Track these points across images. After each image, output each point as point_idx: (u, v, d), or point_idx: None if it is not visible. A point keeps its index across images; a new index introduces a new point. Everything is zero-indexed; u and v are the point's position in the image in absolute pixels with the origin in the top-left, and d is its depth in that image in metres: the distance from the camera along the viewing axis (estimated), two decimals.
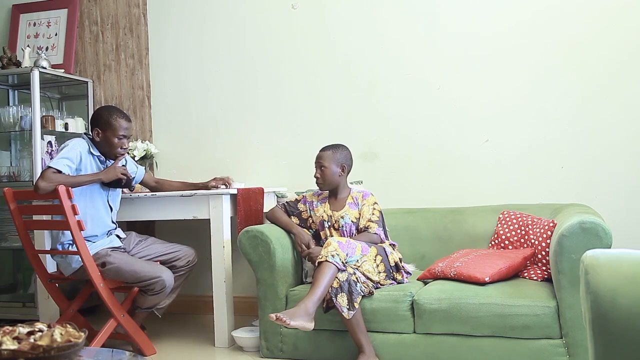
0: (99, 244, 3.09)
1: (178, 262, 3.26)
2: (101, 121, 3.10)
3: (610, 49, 3.40)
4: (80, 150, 3.06)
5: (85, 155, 3.09)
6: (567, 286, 2.47)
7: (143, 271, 3.04)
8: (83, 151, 3.08)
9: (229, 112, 4.13)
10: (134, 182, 3.33)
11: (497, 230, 3.14)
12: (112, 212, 3.23)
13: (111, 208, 3.22)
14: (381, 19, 3.80)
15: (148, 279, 3.03)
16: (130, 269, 3.03)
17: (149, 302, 3.14)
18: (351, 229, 3.03)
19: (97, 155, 3.13)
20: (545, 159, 3.50)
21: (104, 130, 3.09)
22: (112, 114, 3.11)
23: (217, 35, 4.16)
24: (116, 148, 3.11)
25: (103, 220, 3.16)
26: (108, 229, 3.18)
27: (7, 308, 4.04)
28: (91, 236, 3.08)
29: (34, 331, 1.48)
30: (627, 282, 1.31)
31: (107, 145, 3.11)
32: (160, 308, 3.24)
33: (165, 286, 3.06)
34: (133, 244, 3.27)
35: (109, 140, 3.09)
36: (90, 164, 3.11)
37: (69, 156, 3.01)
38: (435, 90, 3.70)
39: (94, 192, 3.12)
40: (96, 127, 3.11)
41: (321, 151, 3.09)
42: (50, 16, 4.51)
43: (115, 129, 3.09)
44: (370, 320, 2.74)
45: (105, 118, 3.10)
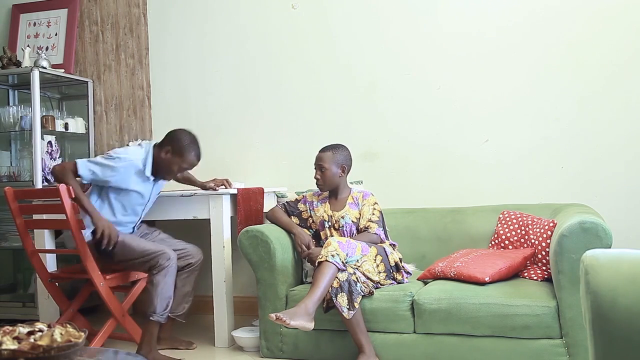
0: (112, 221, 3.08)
1: (189, 259, 3.20)
2: (178, 145, 3.03)
3: (610, 49, 3.40)
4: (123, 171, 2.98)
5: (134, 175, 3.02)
6: (567, 286, 2.47)
7: (147, 246, 3.01)
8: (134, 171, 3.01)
9: (229, 112, 4.13)
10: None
11: (497, 230, 3.14)
12: (141, 216, 3.23)
13: (141, 215, 3.22)
14: (381, 19, 3.80)
15: (152, 252, 2.97)
16: (136, 244, 3.01)
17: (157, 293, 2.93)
18: (351, 229, 3.03)
19: (146, 176, 3.06)
20: (545, 158, 3.50)
21: (173, 154, 3.03)
22: (190, 148, 3.05)
23: (217, 35, 4.16)
24: (173, 174, 3.13)
25: (128, 221, 3.16)
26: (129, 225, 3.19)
27: (7, 308, 4.04)
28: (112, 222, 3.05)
29: (34, 331, 1.48)
30: (627, 282, 1.31)
31: (165, 169, 3.07)
32: (181, 313, 3.18)
33: (170, 258, 2.96)
34: (140, 234, 3.25)
35: (170, 166, 3.05)
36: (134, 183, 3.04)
37: (104, 165, 2.96)
38: (435, 90, 3.70)
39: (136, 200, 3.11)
40: (170, 146, 3.04)
41: (321, 152, 3.08)
42: (50, 16, 4.51)
43: (184, 161, 3.05)
44: (370, 320, 2.74)
45: (182, 147, 3.03)
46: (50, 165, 4.04)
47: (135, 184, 3.04)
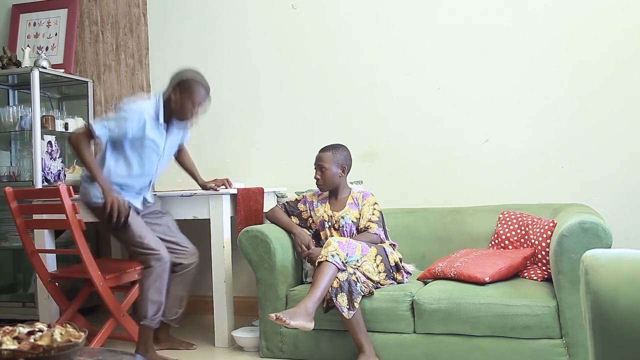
0: (126, 196, 3.00)
1: (182, 258, 3.17)
2: (184, 86, 2.94)
3: (610, 49, 3.40)
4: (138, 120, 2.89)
5: (150, 121, 2.93)
6: (567, 286, 2.47)
7: (147, 239, 2.96)
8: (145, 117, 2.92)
9: (229, 112, 4.13)
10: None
11: (497, 230, 3.14)
12: (155, 174, 3.13)
13: (149, 186, 3.14)
14: (381, 19, 3.81)
15: (147, 248, 2.93)
16: (138, 231, 2.96)
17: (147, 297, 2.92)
18: (351, 229, 3.02)
19: (157, 121, 2.97)
20: (545, 158, 3.50)
21: (183, 96, 2.93)
22: (197, 83, 2.96)
23: (217, 35, 4.16)
24: (188, 114, 2.98)
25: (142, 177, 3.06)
26: (141, 187, 3.10)
27: (7, 308, 4.04)
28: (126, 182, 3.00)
29: (34, 331, 1.48)
30: (627, 282, 1.31)
31: (180, 110, 2.96)
32: (174, 318, 3.18)
33: (160, 261, 2.92)
34: (153, 216, 3.18)
35: (185, 105, 2.95)
36: (150, 130, 2.94)
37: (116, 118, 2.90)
38: (435, 90, 3.70)
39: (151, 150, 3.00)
40: (177, 86, 2.95)
41: (321, 152, 3.08)
42: (50, 16, 4.51)
43: (195, 97, 2.94)
44: (370, 320, 2.74)
45: (188, 84, 2.94)
46: (50, 165, 4.04)
47: (150, 130, 2.95)
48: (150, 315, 2.92)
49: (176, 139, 3.18)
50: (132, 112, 2.91)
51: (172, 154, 3.22)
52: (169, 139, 3.08)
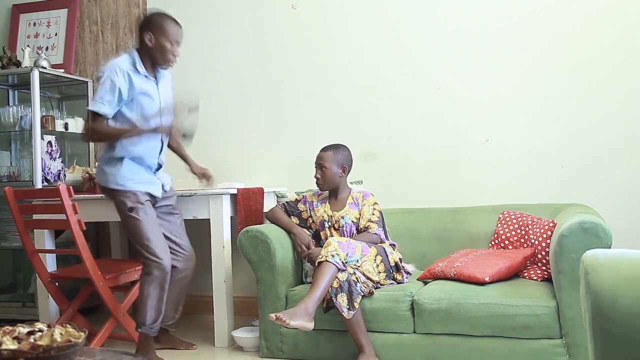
0: (143, 180, 2.93)
1: (178, 261, 3.07)
2: (154, 25, 2.86)
3: (610, 49, 3.40)
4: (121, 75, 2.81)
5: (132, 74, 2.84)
6: (567, 286, 2.47)
7: (154, 243, 2.88)
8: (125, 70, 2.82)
9: (229, 112, 4.13)
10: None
11: (497, 230, 3.14)
12: (162, 147, 3.03)
13: (162, 143, 3.02)
14: (381, 19, 3.80)
15: (152, 254, 2.86)
16: (147, 233, 2.87)
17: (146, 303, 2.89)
18: (351, 229, 3.02)
19: (140, 74, 2.88)
20: (545, 158, 3.50)
21: (156, 34, 2.85)
22: (165, 18, 2.90)
23: (217, 35, 4.16)
24: (169, 54, 2.88)
25: (152, 150, 2.97)
26: (155, 161, 3.01)
27: (7, 308, 4.04)
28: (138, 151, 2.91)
29: (34, 331, 1.48)
30: (627, 282, 1.31)
31: (159, 52, 2.87)
32: (171, 323, 3.17)
33: (162, 270, 2.86)
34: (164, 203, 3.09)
35: (161, 45, 2.86)
36: (138, 85, 2.86)
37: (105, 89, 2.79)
38: (435, 90, 3.70)
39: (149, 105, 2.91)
40: (148, 31, 2.86)
41: (321, 151, 3.08)
42: (50, 16, 4.51)
43: (169, 33, 2.86)
44: (370, 320, 2.74)
45: (158, 22, 2.87)
46: (50, 165, 4.04)
47: (138, 82, 2.86)
48: (149, 322, 2.90)
49: (167, 88, 3.05)
50: (111, 70, 2.82)
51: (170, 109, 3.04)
52: (161, 89, 2.98)
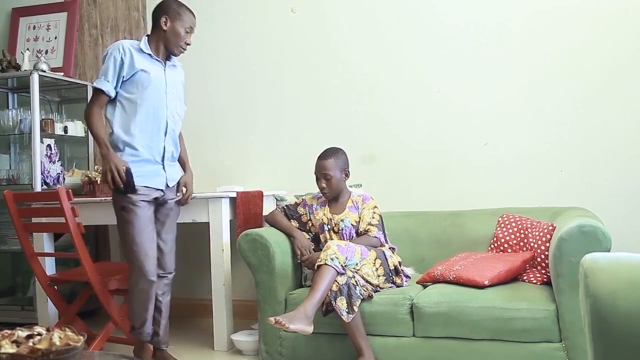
0: (144, 172, 2.81)
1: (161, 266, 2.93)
2: (171, 10, 2.88)
3: (609, 52, 3.40)
4: (121, 51, 2.80)
5: (135, 52, 2.82)
6: (566, 289, 2.47)
7: (140, 248, 2.77)
8: (127, 48, 2.82)
9: (228, 116, 4.13)
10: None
11: (497, 234, 3.14)
12: (166, 135, 2.91)
13: (167, 127, 2.90)
14: (380, 22, 3.81)
15: (136, 258, 2.77)
16: (134, 237, 2.78)
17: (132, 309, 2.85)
18: (351, 232, 3.02)
19: (148, 54, 2.86)
20: (544, 162, 3.50)
21: (172, 19, 2.86)
22: (183, 6, 2.92)
23: (216, 39, 4.17)
24: (181, 40, 2.88)
25: (155, 120, 2.86)
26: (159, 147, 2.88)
27: (6, 311, 4.03)
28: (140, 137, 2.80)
29: (33, 335, 1.48)
30: (626, 286, 1.31)
31: (172, 36, 2.87)
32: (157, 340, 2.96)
33: (143, 279, 2.76)
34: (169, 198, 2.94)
35: (176, 30, 2.87)
36: (139, 62, 2.82)
37: (107, 67, 2.79)
38: (434, 94, 3.70)
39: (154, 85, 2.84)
40: (164, 15, 2.86)
41: (322, 160, 3.03)
42: (50, 19, 4.51)
43: (185, 20, 2.89)
44: (369, 323, 2.73)
45: (175, 7, 2.89)
46: (49, 168, 4.04)
47: (140, 61, 2.82)
48: (137, 327, 2.88)
49: (177, 78, 3.01)
50: (114, 47, 2.83)
51: (180, 97, 3.02)
52: (169, 73, 2.94)
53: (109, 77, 2.79)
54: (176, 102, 2.96)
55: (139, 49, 2.85)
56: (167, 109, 2.90)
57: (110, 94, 2.81)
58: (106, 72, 2.80)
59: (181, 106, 3.03)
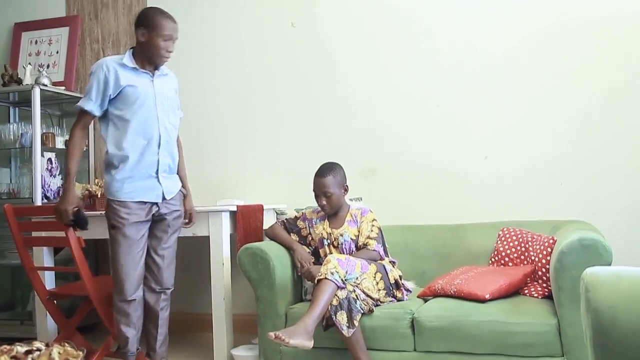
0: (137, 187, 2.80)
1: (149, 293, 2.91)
2: (147, 20, 2.80)
3: (610, 67, 3.42)
4: (105, 69, 2.78)
5: (119, 69, 2.79)
6: (567, 303, 2.46)
7: (125, 271, 2.77)
8: (111, 65, 2.79)
9: (228, 130, 4.14)
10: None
11: (497, 247, 3.13)
12: (160, 147, 2.85)
13: (160, 137, 2.84)
14: (379, 37, 3.83)
15: (119, 280, 2.77)
16: (120, 259, 2.77)
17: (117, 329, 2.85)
18: (350, 246, 3.01)
19: (133, 67, 2.82)
20: (544, 175, 3.50)
21: (149, 30, 2.78)
22: (159, 13, 2.82)
23: (216, 52, 4.19)
24: (161, 50, 2.80)
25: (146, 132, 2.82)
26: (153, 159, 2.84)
27: (5, 326, 4.01)
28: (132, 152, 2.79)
29: (32, 350, 1.47)
30: (627, 300, 1.31)
31: (151, 47, 2.80)
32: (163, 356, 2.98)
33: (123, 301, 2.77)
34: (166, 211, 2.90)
35: (153, 41, 2.79)
36: (125, 78, 2.79)
37: (91, 86, 2.79)
38: (434, 107, 3.71)
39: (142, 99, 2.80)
40: (142, 27, 2.80)
41: (320, 178, 3.00)
42: (52, 34, 4.54)
43: (161, 29, 2.78)
44: (370, 338, 2.72)
45: (151, 17, 2.80)
46: (49, 182, 4.04)
47: (125, 77, 2.79)
48: (121, 346, 2.86)
49: (169, 86, 2.96)
50: (97, 66, 2.82)
51: (172, 106, 2.97)
52: (158, 84, 2.88)
53: (92, 96, 2.80)
54: (169, 112, 2.92)
55: (122, 64, 2.82)
56: (159, 121, 2.85)
57: (94, 113, 2.83)
58: (89, 92, 2.80)
59: (175, 115, 2.99)
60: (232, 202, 3.53)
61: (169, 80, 2.99)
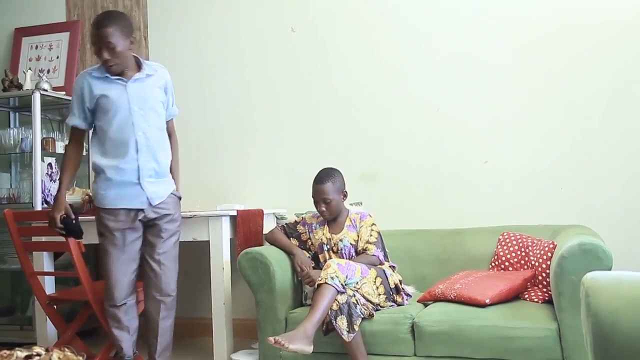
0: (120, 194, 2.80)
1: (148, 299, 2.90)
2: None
3: (610, 72, 3.42)
4: (80, 82, 2.82)
5: (92, 80, 2.80)
6: (568, 308, 2.45)
7: (113, 278, 2.78)
8: (85, 77, 2.82)
9: (228, 134, 4.14)
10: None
11: (497, 252, 3.13)
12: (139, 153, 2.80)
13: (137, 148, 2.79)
14: (379, 41, 3.84)
15: (108, 287, 2.80)
16: (108, 265, 2.79)
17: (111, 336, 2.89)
18: (350, 251, 3.01)
19: (103, 77, 2.80)
20: (544, 180, 3.50)
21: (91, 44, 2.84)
22: (93, 26, 2.76)
23: (216, 57, 4.19)
24: (101, 60, 2.75)
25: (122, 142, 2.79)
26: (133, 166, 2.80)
27: (4, 331, 4.00)
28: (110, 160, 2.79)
29: (32, 355, 1.47)
30: (627, 304, 1.31)
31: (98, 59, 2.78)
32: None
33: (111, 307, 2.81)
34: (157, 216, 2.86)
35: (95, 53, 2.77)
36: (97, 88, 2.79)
37: (72, 102, 2.85)
38: (434, 112, 3.71)
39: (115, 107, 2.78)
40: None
41: (320, 185, 2.99)
42: (52, 39, 4.55)
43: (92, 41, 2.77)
44: (370, 342, 2.71)
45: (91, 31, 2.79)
46: (50, 187, 4.04)
47: (97, 86, 2.78)
48: (118, 351, 2.88)
49: (149, 89, 2.87)
50: (75, 81, 2.88)
51: (154, 107, 2.87)
52: (133, 88, 2.81)
53: (75, 111, 2.86)
54: (149, 115, 2.84)
55: (92, 75, 2.83)
56: (135, 126, 2.79)
57: (81, 127, 2.88)
58: (72, 107, 2.89)
59: (158, 116, 2.90)
60: (232, 207, 3.53)
61: (153, 80, 2.91)
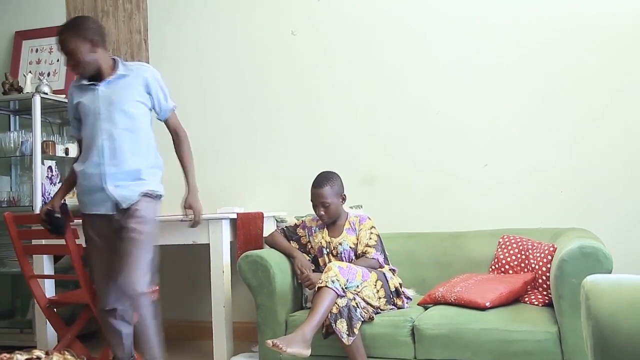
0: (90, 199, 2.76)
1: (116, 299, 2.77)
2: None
3: (609, 76, 3.43)
4: (69, 94, 2.88)
5: (73, 89, 2.85)
6: (568, 311, 2.45)
7: (96, 281, 2.80)
8: (70, 88, 2.89)
9: (228, 137, 4.15)
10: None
11: (497, 255, 3.13)
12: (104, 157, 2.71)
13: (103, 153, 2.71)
14: (379, 45, 3.84)
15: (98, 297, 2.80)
16: (93, 269, 2.80)
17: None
18: (349, 255, 3.01)
19: (79, 85, 2.82)
20: (544, 183, 3.51)
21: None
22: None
23: (216, 60, 4.20)
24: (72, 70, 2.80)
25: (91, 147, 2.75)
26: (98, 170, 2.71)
27: (4, 334, 4.01)
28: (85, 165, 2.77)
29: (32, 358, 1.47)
30: (628, 307, 1.31)
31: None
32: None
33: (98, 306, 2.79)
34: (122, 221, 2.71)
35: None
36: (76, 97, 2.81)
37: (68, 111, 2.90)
38: (434, 115, 3.72)
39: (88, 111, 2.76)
40: None
41: (318, 189, 2.99)
42: (52, 42, 4.54)
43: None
44: (370, 345, 2.71)
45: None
46: (50, 190, 4.04)
47: (77, 95, 2.81)
48: (115, 353, 2.87)
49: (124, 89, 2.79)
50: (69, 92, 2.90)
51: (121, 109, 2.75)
52: (105, 92, 2.75)
53: (71, 121, 2.91)
54: (116, 117, 2.73)
55: (74, 84, 2.87)
56: (101, 131, 2.72)
57: (77, 137, 2.92)
58: (69, 117, 2.91)
59: (128, 118, 2.76)
60: (232, 210, 3.53)
61: (128, 80, 2.81)
